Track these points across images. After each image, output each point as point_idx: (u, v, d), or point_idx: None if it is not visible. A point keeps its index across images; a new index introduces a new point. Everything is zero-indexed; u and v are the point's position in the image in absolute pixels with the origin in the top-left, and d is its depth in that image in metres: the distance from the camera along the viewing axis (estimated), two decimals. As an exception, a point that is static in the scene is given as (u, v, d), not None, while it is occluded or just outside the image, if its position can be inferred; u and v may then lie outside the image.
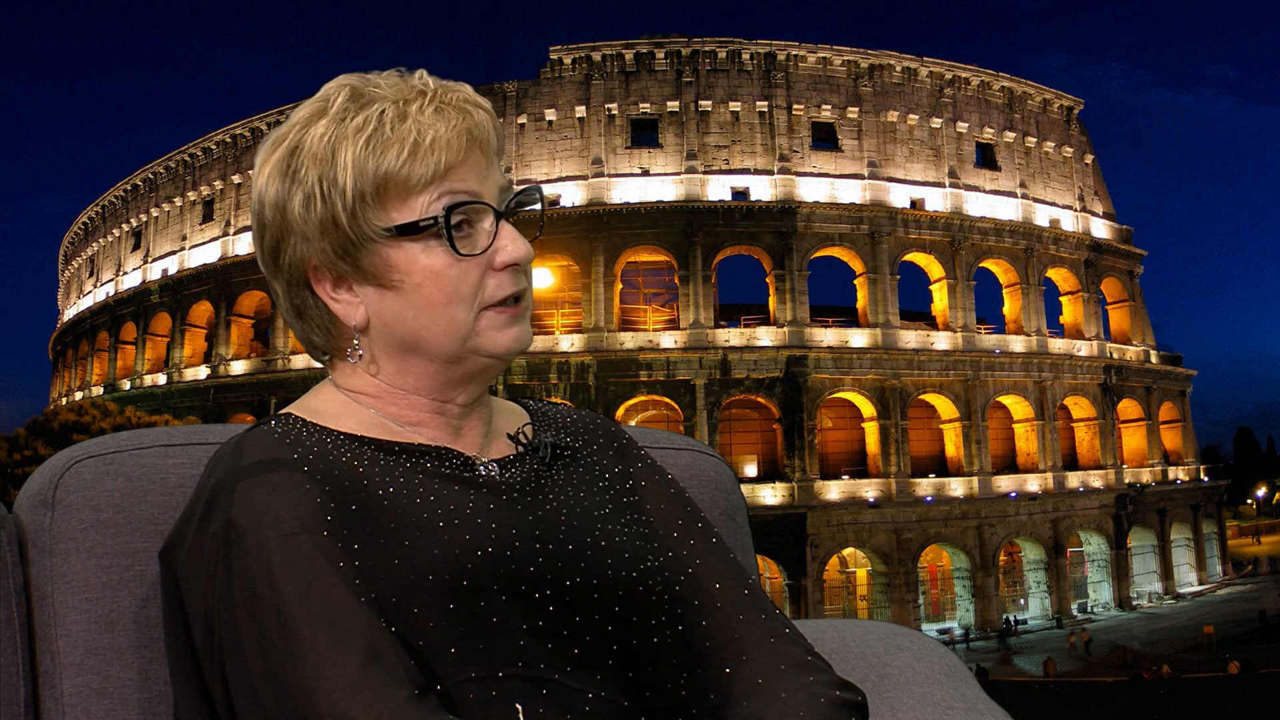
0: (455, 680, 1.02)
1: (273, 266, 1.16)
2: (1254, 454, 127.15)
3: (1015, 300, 53.16)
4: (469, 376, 1.18)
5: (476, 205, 1.13)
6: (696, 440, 1.68)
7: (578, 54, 51.02)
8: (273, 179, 1.13)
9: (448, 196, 1.11)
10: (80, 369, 65.89)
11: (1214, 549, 59.79)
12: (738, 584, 1.21)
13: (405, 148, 1.10)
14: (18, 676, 1.21)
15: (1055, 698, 25.68)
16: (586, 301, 48.46)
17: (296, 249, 1.13)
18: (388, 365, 1.17)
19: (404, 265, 1.11)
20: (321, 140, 1.11)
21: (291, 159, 1.12)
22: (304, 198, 1.11)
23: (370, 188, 1.10)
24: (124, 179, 65.33)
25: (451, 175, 1.12)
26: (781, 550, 44.79)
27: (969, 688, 1.45)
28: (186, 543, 1.07)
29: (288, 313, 1.19)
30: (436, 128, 1.11)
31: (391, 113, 1.11)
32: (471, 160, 1.13)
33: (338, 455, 1.12)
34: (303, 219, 1.11)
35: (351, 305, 1.14)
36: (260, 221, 1.15)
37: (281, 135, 1.15)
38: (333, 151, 1.10)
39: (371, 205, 1.10)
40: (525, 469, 1.20)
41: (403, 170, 1.10)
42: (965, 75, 54.21)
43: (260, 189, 1.15)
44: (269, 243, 1.15)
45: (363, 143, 1.10)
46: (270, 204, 1.13)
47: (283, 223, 1.13)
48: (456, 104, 1.14)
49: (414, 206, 1.11)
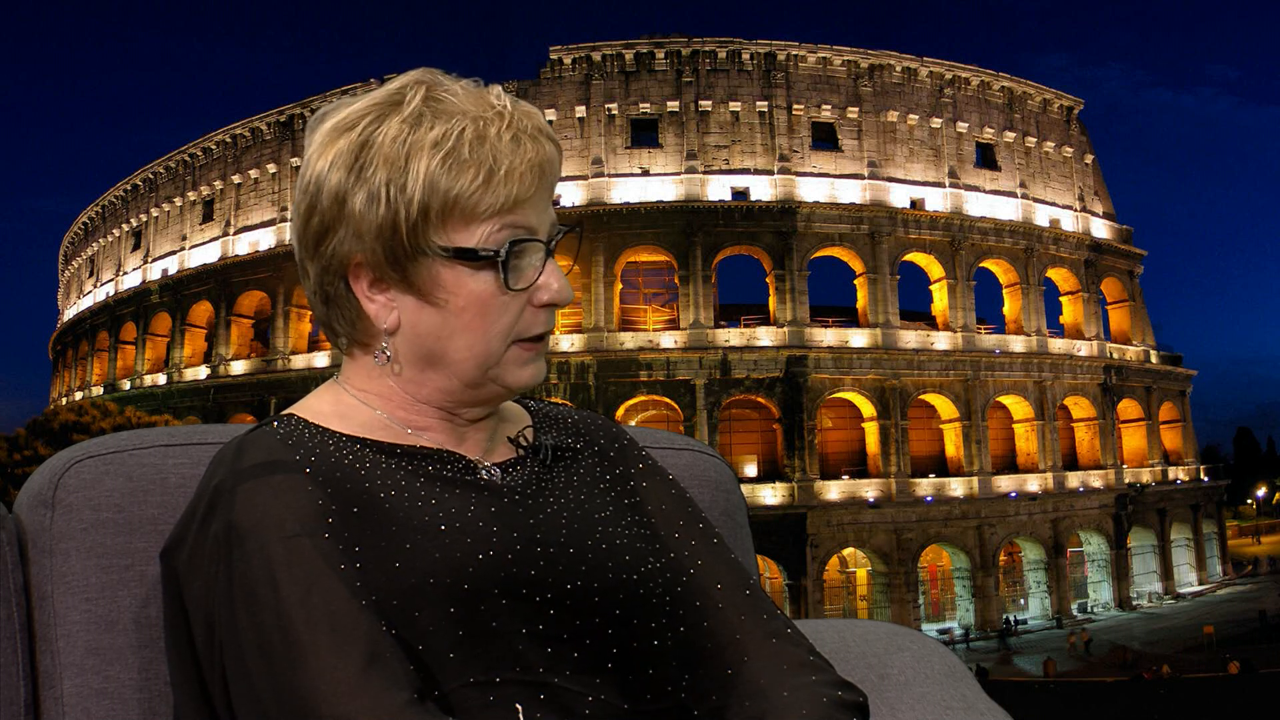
0: (455, 684, 1.02)
1: (313, 250, 1.15)
2: (1254, 454, 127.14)
3: (1015, 300, 53.15)
4: (480, 401, 1.18)
5: (533, 242, 1.13)
6: (696, 440, 1.68)
7: (578, 54, 51.02)
8: (336, 168, 1.11)
9: (509, 230, 1.11)
10: (80, 369, 65.89)
11: (1214, 549, 59.80)
12: (739, 585, 1.21)
13: (480, 174, 1.09)
14: (18, 676, 1.21)
15: (1055, 698, 25.68)
16: (586, 301, 48.46)
17: (345, 242, 1.12)
18: (407, 372, 1.16)
19: (452, 285, 1.11)
20: (395, 143, 1.09)
21: (362, 153, 1.10)
22: (368, 196, 1.09)
23: (438, 205, 1.09)
24: (124, 179, 65.34)
25: (517, 209, 1.11)
26: (781, 550, 44.79)
27: (969, 688, 1.45)
28: (187, 544, 1.07)
29: (314, 295, 1.18)
30: (512, 158, 1.10)
31: (471, 132, 1.10)
32: (537, 195, 1.13)
33: (340, 457, 1.12)
34: (362, 216, 1.10)
35: (386, 308, 1.13)
36: (312, 205, 1.13)
37: (347, 123, 1.12)
38: (406, 158, 1.09)
39: (435, 222, 1.09)
40: (526, 472, 1.20)
41: (473, 197, 1.09)
42: (965, 75, 54.21)
43: (319, 173, 1.12)
44: (316, 227, 1.13)
45: (439, 158, 1.08)
46: (330, 193, 1.11)
47: (339, 214, 1.11)
48: (531, 133, 1.13)
49: (475, 232, 1.10)
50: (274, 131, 55.38)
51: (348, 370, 1.21)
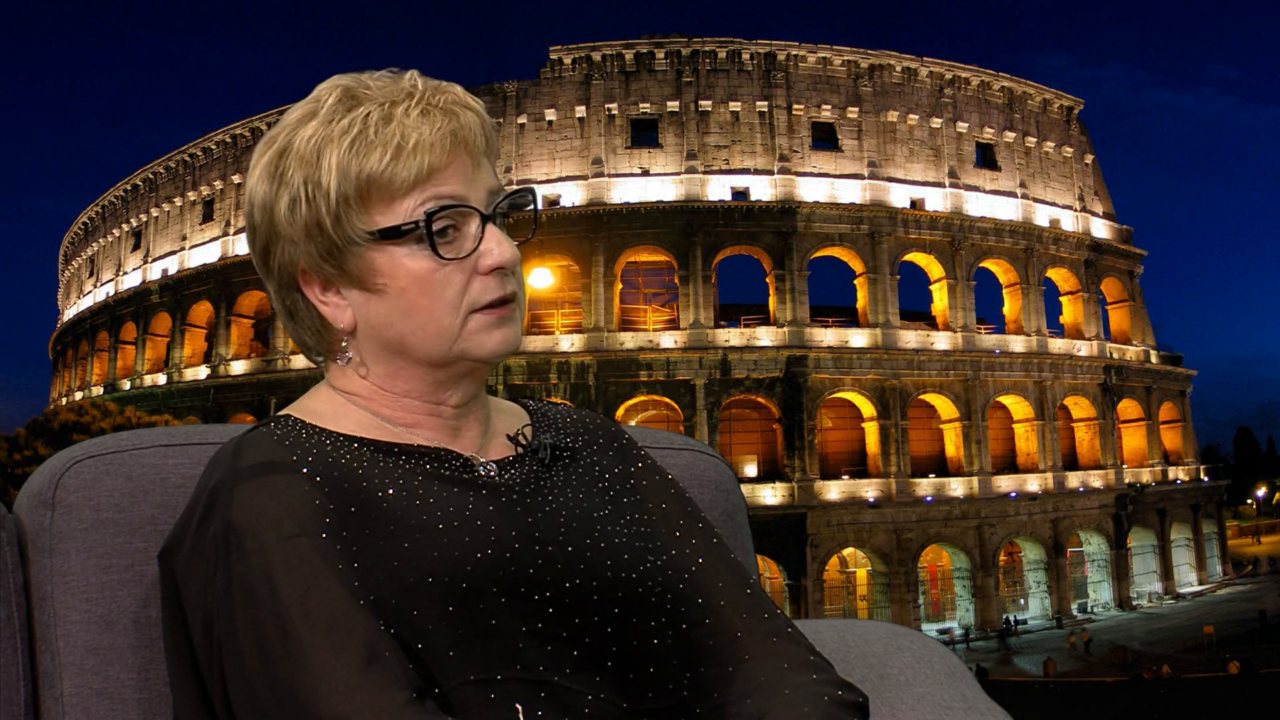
0: (454, 683, 1.01)
1: (264, 268, 1.17)
2: (1254, 454, 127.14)
3: (1015, 300, 53.16)
4: (457, 378, 1.17)
5: (461, 209, 1.12)
6: (696, 440, 1.68)
7: (578, 54, 51.00)
8: (262, 180, 1.13)
9: (431, 201, 1.11)
10: (80, 369, 65.89)
11: (1214, 549, 59.80)
12: (739, 584, 1.20)
13: (389, 150, 1.09)
14: (18, 676, 1.21)
15: (1055, 698, 25.68)
16: (586, 301, 48.45)
17: (285, 251, 1.13)
18: (377, 368, 1.16)
19: (388, 269, 1.11)
20: (309, 142, 1.11)
21: (280, 161, 1.12)
22: (289, 200, 1.11)
23: (353, 190, 1.09)
24: (124, 179, 65.33)
25: (435, 178, 1.11)
26: (781, 550, 44.79)
27: (969, 688, 1.45)
28: (186, 544, 1.07)
29: (281, 313, 1.19)
30: (421, 130, 1.10)
31: (377, 115, 1.10)
32: (457, 163, 1.12)
33: (337, 457, 1.11)
34: (288, 221, 1.11)
35: (339, 308, 1.14)
36: (251, 223, 1.16)
37: (273, 136, 1.15)
38: (318, 154, 1.10)
39: (355, 209, 1.10)
40: (524, 470, 1.19)
41: (385, 173, 1.09)
42: (965, 75, 54.21)
43: (250, 189, 1.15)
44: (259, 244, 1.16)
45: (347, 145, 1.09)
46: (259, 205, 1.14)
47: (271, 225, 1.13)
48: (444, 105, 1.13)
49: (397, 210, 1.10)
50: (274, 131, 55.37)
51: (332, 376, 1.21)
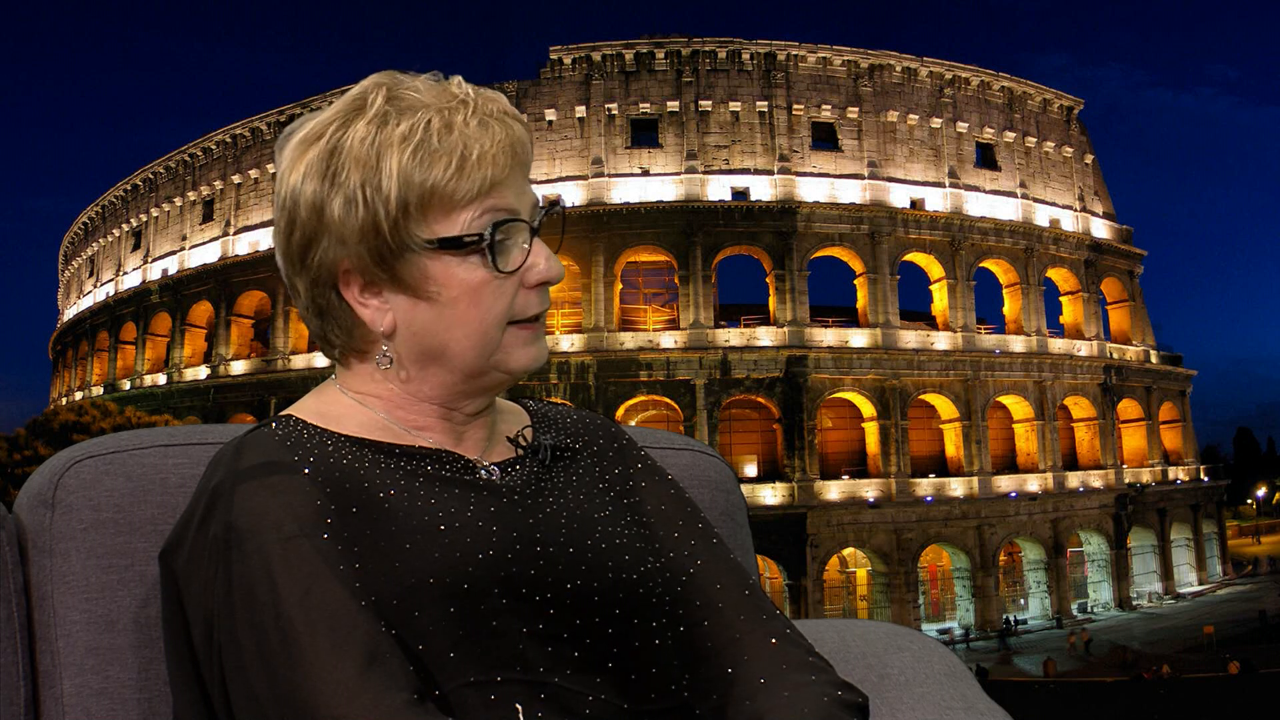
0: (455, 684, 1.01)
1: (299, 264, 1.15)
2: (1254, 454, 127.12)
3: (1015, 300, 53.15)
4: (484, 390, 1.18)
5: (517, 221, 1.13)
6: (696, 440, 1.68)
7: (578, 54, 51.00)
8: (310, 178, 1.11)
9: (490, 213, 1.11)
10: (80, 369, 65.87)
11: (1214, 549, 59.78)
12: (738, 585, 1.20)
13: (453, 161, 1.09)
14: (18, 676, 1.21)
15: (1055, 698, 25.67)
16: (586, 301, 48.45)
17: (330, 251, 1.12)
18: (409, 372, 1.16)
19: (442, 277, 1.11)
20: (364, 144, 1.09)
21: (331, 160, 1.10)
22: (345, 201, 1.09)
23: (415, 199, 1.09)
24: (124, 179, 65.31)
25: (495, 191, 1.12)
26: (781, 550, 44.78)
27: (969, 688, 1.45)
28: (186, 545, 1.07)
29: (307, 309, 1.18)
30: (482, 142, 1.11)
31: (438, 123, 1.10)
32: (513, 176, 1.14)
33: (339, 458, 1.11)
34: (342, 222, 1.10)
35: (380, 311, 1.13)
36: (291, 219, 1.14)
37: (315, 133, 1.13)
38: (377, 157, 1.09)
39: (415, 216, 1.09)
40: (525, 471, 1.19)
41: (449, 185, 1.09)
42: (965, 75, 54.21)
43: (294, 187, 1.13)
44: (299, 241, 1.14)
45: (409, 152, 1.08)
46: (307, 204, 1.12)
47: (319, 224, 1.11)
48: (498, 116, 1.14)
49: (457, 221, 1.10)
50: (274, 131, 55.28)
51: (345, 376, 1.20)
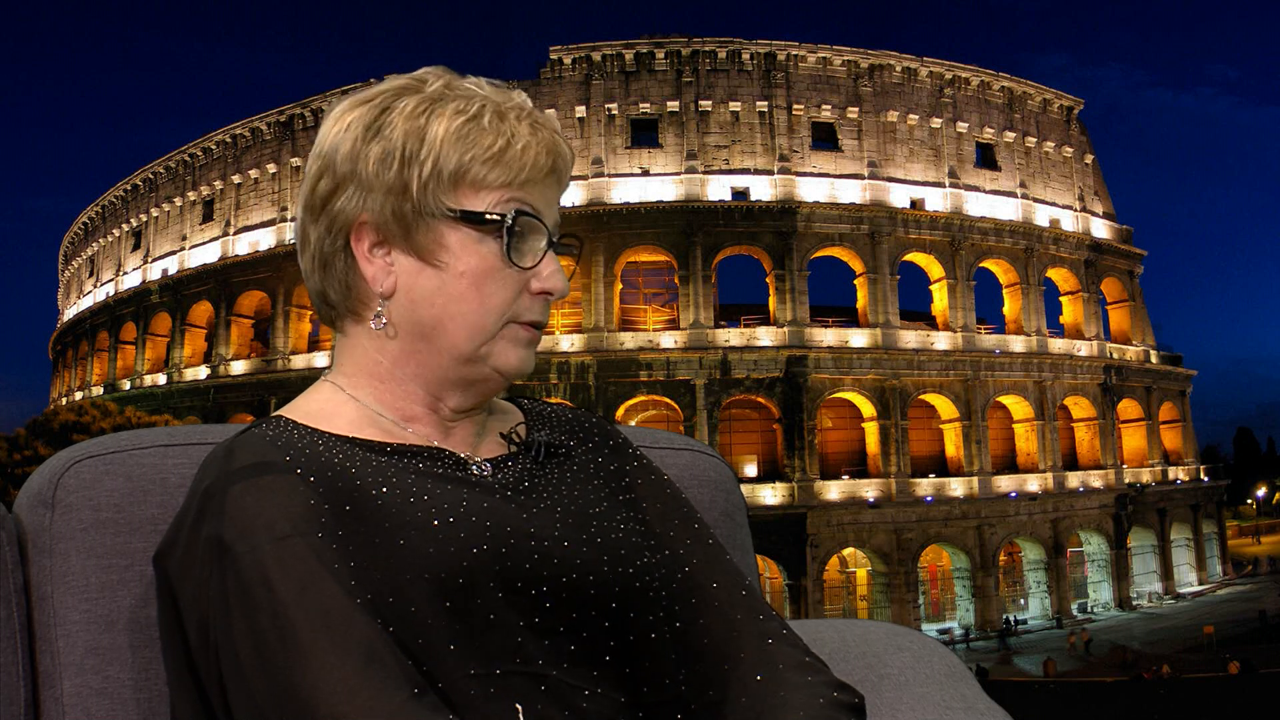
0: (455, 676, 1.01)
1: (320, 210, 1.16)
2: (1254, 454, 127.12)
3: (1015, 300, 53.16)
4: (467, 383, 1.18)
5: (538, 223, 1.15)
6: (696, 440, 1.67)
7: (578, 54, 51.02)
8: (353, 129, 1.14)
9: (516, 204, 1.14)
10: (80, 369, 65.87)
11: (1214, 549, 59.79)
12: (734, 585, 1.20)
13: (497, 143, 1.13)
14: (18, 676, 1.20)
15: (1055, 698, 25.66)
16: (586, 301, 48.46)
17: (353, 200, 1.14)
18: (400, 341, 1.17)
19: (456, 249, 1.13)
20: (415, 109, 1.13)
21: (380, 117, 1.14)
22: (383, 152, 1.12)
23: (451, 169, 1.12)
24: (124, 179, 65.33)
25: (525, 188, 1.14)
26: (781, 550, 44.79)
27: (969, 688, 1.45)
28: (180, 548, 1.07)
29: (311, 261, 1.18)
30: (528, 139, 1.14)
31: (491, 109, 1.14)
32: (547, 184, 1.17)
33: (330, 457, 1.11)
34: (375, 174, 1.12)
35: (384, 270, 1.15)
36: (325, 167, 1.15)
37: (367, 97, 1.17)
38: (426, 119, 1.12)
39: (445, 184, 1.12)
40: (518, 468, 1.20)
41: (486, 165, 1.13)
42: (965, 75, 54.21)
43: (335, 137, 1.15)
44: (325, 188, 1.15)
45: (458, 124, 1.12)
46: (345, 154, 1.14)
47: (350, 171, 1.13)
48: (549, 127, 1.18)
49: (482, 199, 1.13)
50: (274, 131, 55.37)
51: (338, 353, 1.21)
